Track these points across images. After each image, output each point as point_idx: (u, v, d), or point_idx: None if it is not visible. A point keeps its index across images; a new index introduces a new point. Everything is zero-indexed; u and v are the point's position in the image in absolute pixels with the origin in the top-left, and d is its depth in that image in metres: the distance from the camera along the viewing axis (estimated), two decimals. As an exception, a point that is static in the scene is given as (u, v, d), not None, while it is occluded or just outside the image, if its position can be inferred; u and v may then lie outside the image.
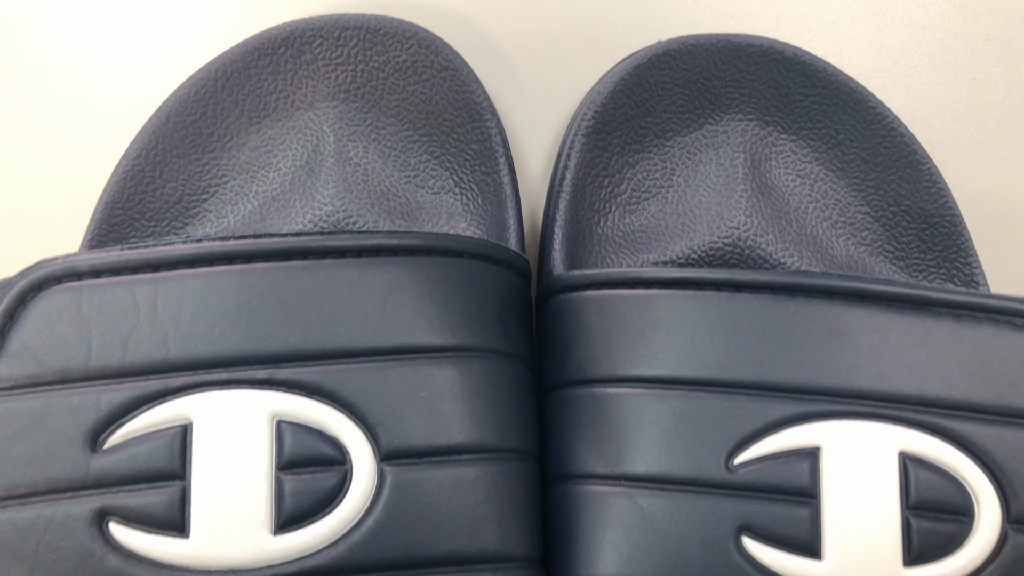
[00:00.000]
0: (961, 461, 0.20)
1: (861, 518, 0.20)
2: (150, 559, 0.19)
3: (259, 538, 0.19)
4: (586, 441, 0.21)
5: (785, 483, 0.20)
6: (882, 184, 0.26)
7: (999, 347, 0.21)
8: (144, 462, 0.19)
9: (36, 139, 0.27)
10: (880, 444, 0.20)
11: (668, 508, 0.20)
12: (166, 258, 0.20)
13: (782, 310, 0.21)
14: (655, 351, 0.21)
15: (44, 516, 0.19)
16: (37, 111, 0.27)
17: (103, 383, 0.20)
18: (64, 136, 0.27)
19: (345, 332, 0.20)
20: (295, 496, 0.19)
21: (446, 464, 0.20)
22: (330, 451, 0.20)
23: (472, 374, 0.21)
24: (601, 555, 0.20)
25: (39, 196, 0.27)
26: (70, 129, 0.27)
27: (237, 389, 0.20)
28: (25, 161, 0.27)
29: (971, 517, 0.20)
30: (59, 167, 0.27)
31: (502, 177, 0.25)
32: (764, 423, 0.21)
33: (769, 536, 0.20)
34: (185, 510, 0.19)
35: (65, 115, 0.27)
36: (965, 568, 0.20)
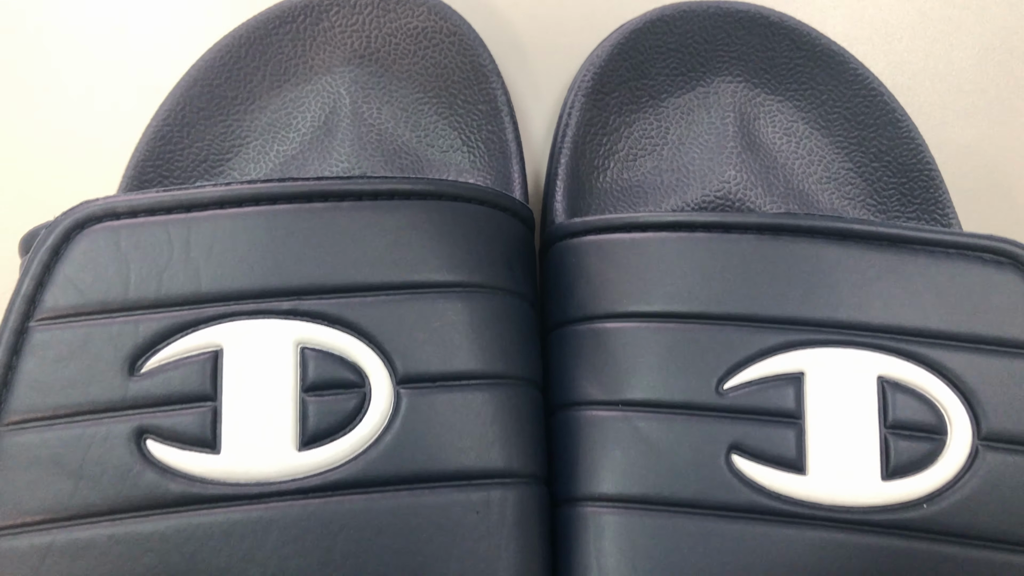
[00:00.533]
0: (935, 385, 0.22)
1: (842, 437, 0.22)
2: (184, 473, 0.21)
3: (285, 453, 0.21)
4: (587, 371, 0.23)
5: (772, 406, 0.22)
6: (864, 141, 0.27)
7: (969, 280, 0.23)
8: (178, 385, 0.21)
9: (71, 103, 0.29)
10: (860, 369, 0.22)
11: (663, 429, 0.22)
12: (198, 199, 0.22)
13: (768, 249, 0.23)
14: (650, 288, 0.23)
15: (87, 434, 0.21)
16: (73, 79, 0.29)
17: (140, 313, 0.21)
18: (97, 100, 0.29)
19: (362, 268, 0.22)
20: (318, 416, 0.21)
21: (457, 388, 0.22)
22: (350, 375, 0.21)
23: (480, 307, 0.22)
24: (601, 473, 0.22)
25: (73, 158, 0.28)
26: (103, 94, 0.29)
27: (264, 319, 0.21)
28: (60, 124, 0.29)
29: (944, 435, 0.22)
30: (92, 130, 0.29)
31: (507, 135, 0.27)
32: (751, 351, 0.22)
33: (757, 454, 0.22)
34: (216, 428, 0.21)
35: (99, 81, 0.29)
36: (939, 481, 0.21)
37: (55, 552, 0.20)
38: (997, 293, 0.22)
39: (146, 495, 0.20)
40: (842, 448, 0.22)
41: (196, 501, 0.20)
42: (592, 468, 0.22)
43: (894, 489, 0.21)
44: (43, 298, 0.21)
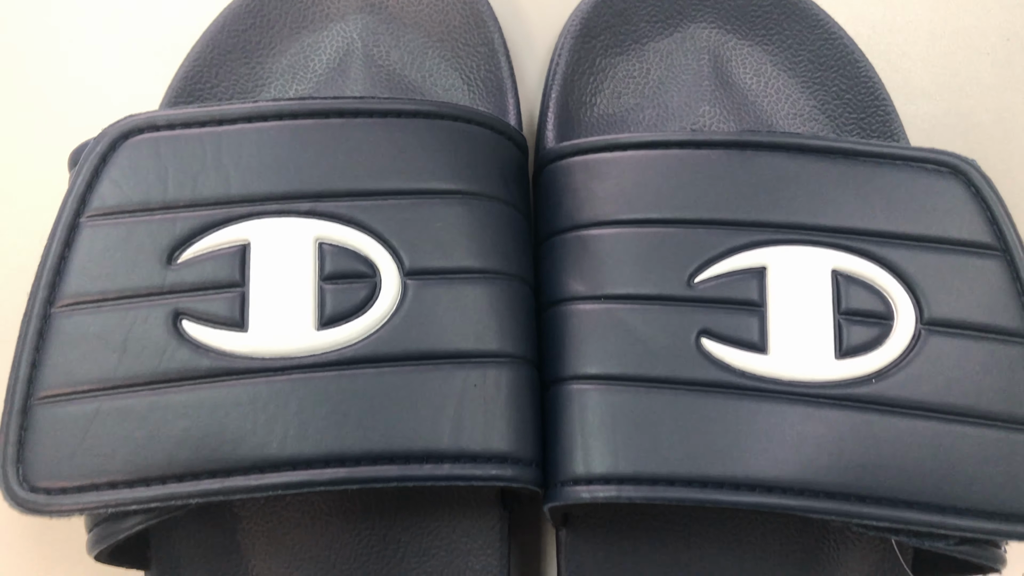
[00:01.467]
0: (883, 277, 0.25)
1: (800, 322, 0.24)
2: (215, 349, 0.23)
3: (306, 333, 0.24)
4: (573, 272, 0.26)
5: (737, 296, 0.24)
6: (826, 81, 0.30)
7: (914, 187, 0.25)
8: (211, 273, 0.24)
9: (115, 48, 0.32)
10: (816, 264, 0.25)
11: (640, 317, 0.24)
12: (228, 115, 0.25)
13: (734, 162, 0.26)
14: (630, 198, 0.26)
15: (130, 315, 0.23)
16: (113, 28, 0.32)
17: (177, 211, 0.24)
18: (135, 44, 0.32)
19: (373, 176, 0.25)
20: (335, 301, 0.24)
21: (457, 281, 0.24)
22: (363, 268, 0.24)
23: (477, 212, 0.25)
24: (585, 356, 0.24)
25: (116, 94, 0.32)
26: (141, 40, 0.32)
27: (286, 217, 0.24)
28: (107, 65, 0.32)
29: (891, 320, 0.24)
30: (132, 71, 0.32)
31: (503, 75, 0.30)
32: (719, 250, 0.25)
33: (724, 337, 0.24)
34: (244, 311, 0.24)
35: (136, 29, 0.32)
36: (886, 359, 0.24)
37: (101, 417, 0.23)
38: (939, 198, 0.25)
39: (181, 368, 0.23)
40: (800, 332, 0.24)
41: (226, 373, 0.23)
42: (577, 352, 0.25)
43: (846, 367, 0.24)
44: (91, 198, 0.24)
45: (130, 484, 0.22)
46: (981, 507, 0.23)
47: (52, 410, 0.23)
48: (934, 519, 0.23)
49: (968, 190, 0.25)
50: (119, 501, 0.22)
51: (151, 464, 0.23)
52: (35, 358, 0.23)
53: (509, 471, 0.23)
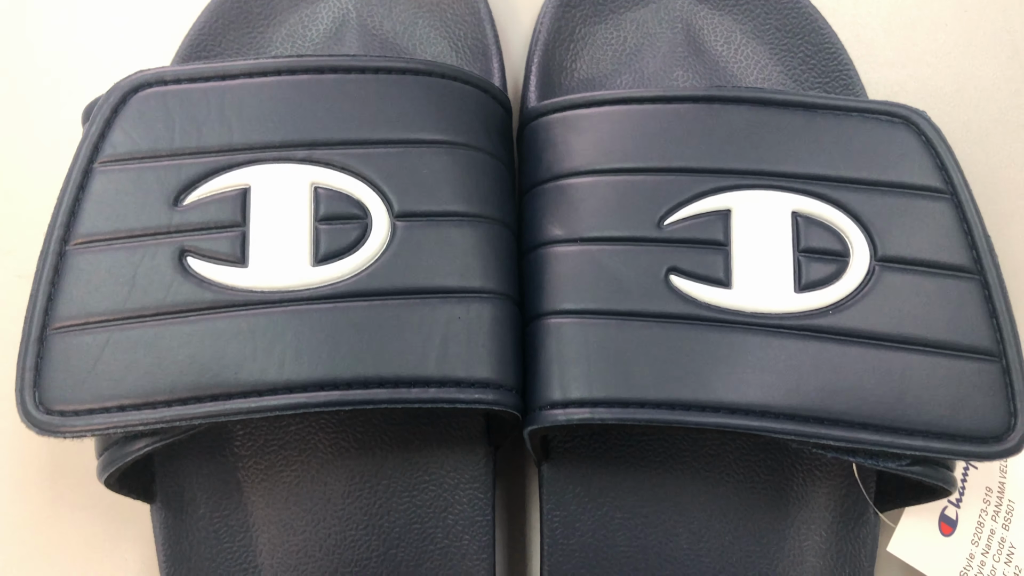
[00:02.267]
0: (840, 218, 0.26)
1: (762, 259, 0.26)
2: (218, 284, 0.25)
3: (302, 269, 0.25)
4: (552, 218, 0.27)
5: (703, 236, 0.26)
6: (792, 48, 0.32)
7: (869, 137, 0.27)
8: (214, 214, 0.26)
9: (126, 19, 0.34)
10: (777, 206, 0.26)
11: (614, 256, 0.26)
12: (231, 71, 0.27)
13: (702, 114, 0.27)
14: (605, 149, 0.28)
15: (139, 253, 0.25)
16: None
17: (183, 158, 0.26)
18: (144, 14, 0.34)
19: (365, 126, 0.27)
20: (329, 240, 0.26)
21: (443, 223, 0.26)
22: (355, 210, 0.26)
23: (462, 160, 0.27)
24: (562, 293, 0.26)
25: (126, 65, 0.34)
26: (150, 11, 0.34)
27: (284, 164, 0.26)
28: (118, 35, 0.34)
29: (847, 257, 0.26)
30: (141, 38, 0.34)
31: (488, 42, 0.32)
32: (687, 195, 0.27)
33: (691, 274, 0.26)
34: (245, 249, 0.25)
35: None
36: (842, 293, 0.26)
37: (111, 345, 0.25)
38: (892, 146, 0.27)
39: (186, 301, 0.25)
40: (761, 268, 0.26)
41: (227, 305, 0.25)
42: (555, 290, 0.26)
43: (805, 300, 0.26)
44: (104, 146, 0.26)
45: (138, 407, 0.24)
46: (930, 428, 0.25)
47: (66, 339, 0.25)
48: (886, 439, 0.24)
49: (919, 139, 0.27)
50: (128, 423, 0.24)
51: (157, 388, 0.24)
52: (51, 292, 0.25)
53: (491, 395, 0.25)
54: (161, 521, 0.29)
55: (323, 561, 0.29)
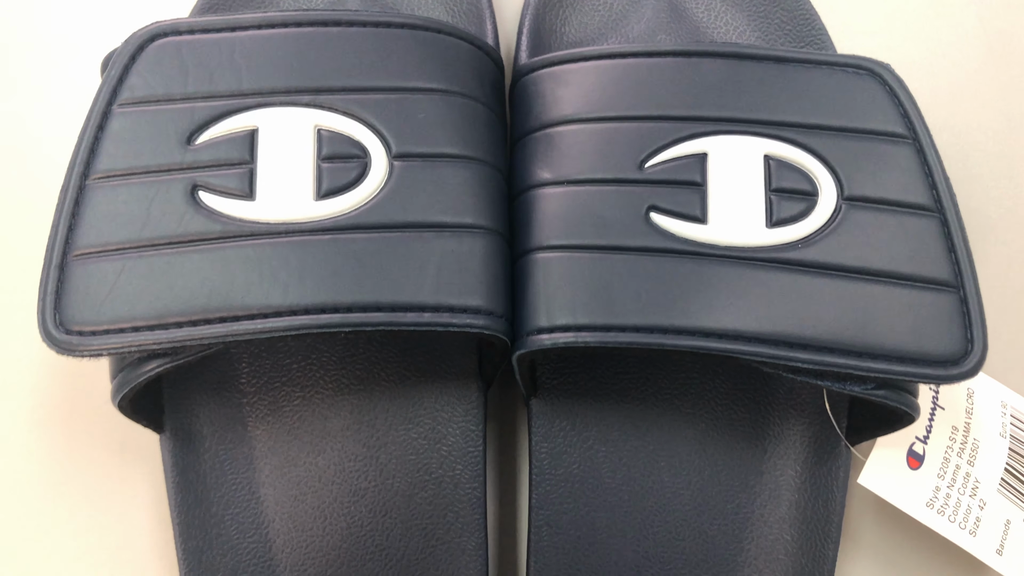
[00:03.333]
0: (809, 161, 0.28)
1: (736, 198, 0.28)
2: (227, 216, 0.27)
3: (305, 203, 0.27)
4: (540, 162, 0.29)
5: (681, 177, 0.28)
6: (769, 15, 0.34)
7: (837, 86, 0.29)
8: (224, 153, 0.27)
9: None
10: (750, 150, 0.28)
11: (597, 195, 0.28)
12: (242, 22, 0.29)
13: (681, 67, 0.29)
14: (591, 100, 0.29)
15: (154, 187, 0.27)
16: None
17: (195, 102, 0.28)
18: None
19: (365, 74, 0.28)
20: (331, 177, 0.27)
21: (437, 163, 0.28)
22: (356, 151, 0.28)
23: (456, 107, 0.29)
24: (549, 230, 0.28)
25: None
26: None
27: (290, 108, 0.28)
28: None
29: (815, 196, 0.28)
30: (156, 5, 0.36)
31: (482, 7, 0.34)
32: (666, 140, 0.28)
33: (669, 211, 0.28)
34: (253, 184, 0.27)
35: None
36: (811, 228, 0.27)
37: (127, 271, 0.26)
38: (858, 95, 0.29)
39: (197, 231, 0.27)
40: (735, 206, 0.28)
41: (236, 236, 0.27)
42: (542, 227, 0.28)
43: (776, 235, 0.27)
44: (121, 90, 0.28)
45: (151, 328, 0.26)
46: (893, 352, 0.26)
47: (85, 265, 0.26)
48: (852, 362, 0.26)
49: (883, 89, 0.29)
50: (141, 342, 0.26)
51: (169, 311, 0.26)
52: (71, 222, 0.27)
53: (482, 320, 0.27)
54: (169, 451, 0.30)
55: (322, 491, 0.31)
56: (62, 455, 0.33)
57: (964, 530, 0.31)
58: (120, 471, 0.33)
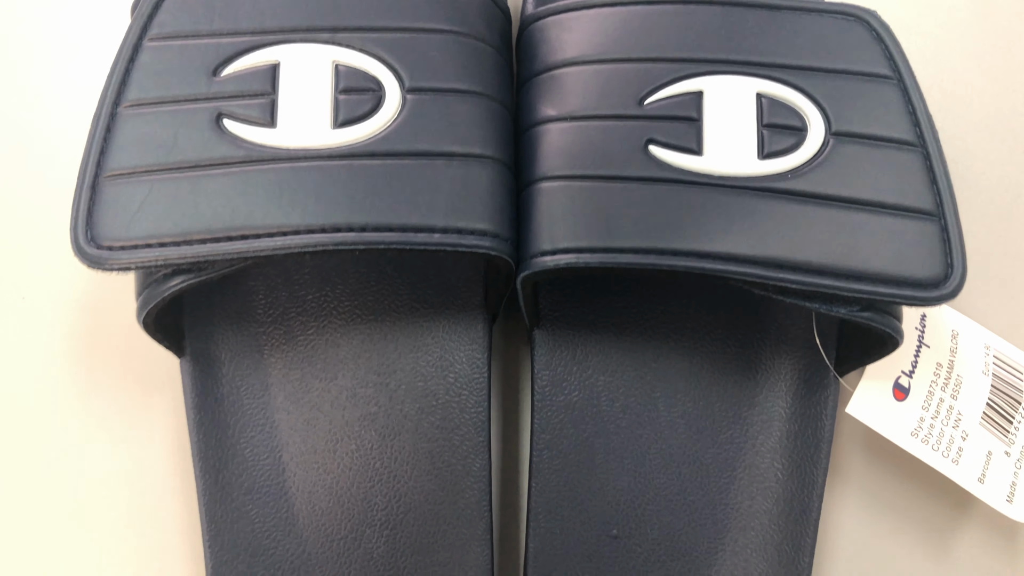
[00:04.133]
0: (799, 99, 0.30)
1: (730, 132, 0.29)
2: (250, 142, 0.28)
3: (323, 131, 0.29)
4: (545, 100, 0.31)
5: (678, 113, 0.30)
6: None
7: (827, 31, 0.31)
8: (248, 85, 0.29)
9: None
10: (743, 88, 0.30)
11: (598, 130, 0.30)
12: (264, -34, 0.30)
13: (679, 12, 0.31)
14: (593, 43, 0.31)
15: (180, 115, 0.29)
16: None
17: (221, 38, 0.30)
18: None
19: (380, 16, 0.30)
20: (347, 108, 0.29)
21: (448, 97, 0.30)
22: (371, 84, 0.29)
23: (466, 47, 0.30)
24: (553, 161, 0.30)
25: None
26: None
27: (310, 44, 0.30)
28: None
29: (804, 131, 0.29)
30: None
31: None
32: (664, 79, 0.30)
33: (667, 144, 0.29)
34: (274, 113, 0.29)
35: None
36: (801, 160, 0.29)
37: (154, 192, 0.28)
38: (846, 39, 0.30)
39: (221, 156, 0.28)
40: (729, 139, 0.29)
41: (258, 160, 0.28)
42: (546, 159, 0.30)
43: (767, 166, 0.29)
44: (151, 26, 0.30)
45: (176, 244, 0.27)
46: (878, 276, 0.28)
47: (115, 186, 0.28)
48: (839, 283, 0.28)
49: (870, 33, 0.31)
50: (167, 257, 0.27)
51: (194, 229, 0.28)
52: (103, 146, 0.28)
53: (488, 242, 0.28)
54: (189, 374, 0.32)
55: (334, 415, 0.32)
56: (86, 385, 0.35)
57: (947, 459, 0.32)
58: (142, 399, 0.34)
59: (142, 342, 0.35)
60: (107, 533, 0.34)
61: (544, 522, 0.32)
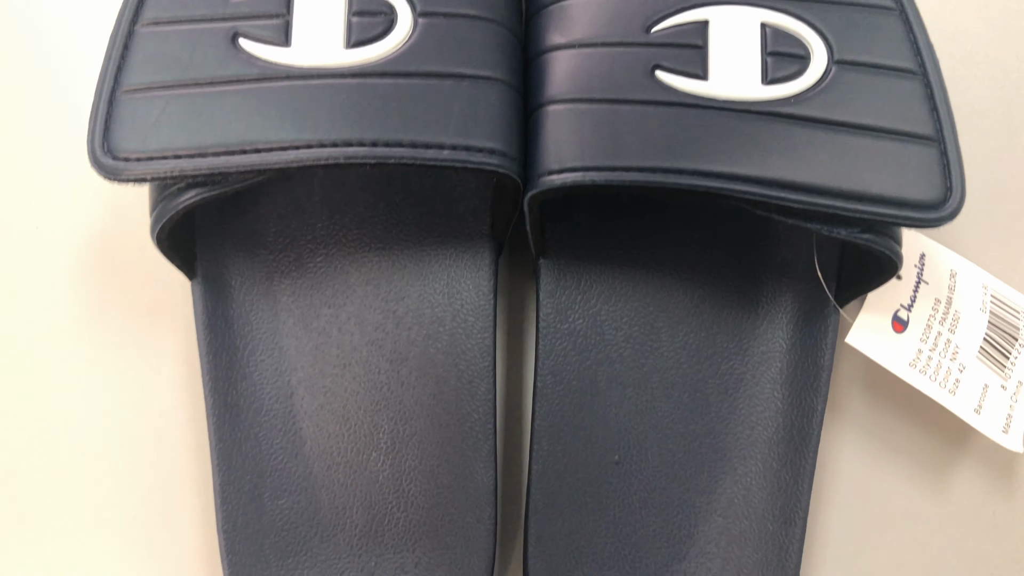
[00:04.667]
0: (803, 28, 0.30)
1: (734, 59, 0.30)
2: (264, 60, 0.29)
3: (336, 51, 0.29)
4: (553, 28, 0.31)
5: (684, 40, 0.30)
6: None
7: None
8: (262, 6, 0.30)
9: None
10: (748, 18, 0.30)
11: (606, 55, 0.30)
12: None
13: (686, -54, 0.32)
14: (601, -25, 0.32)
15: (197, 34, 0.29)
16: None
17: (237, -39, 0.30)
18: None
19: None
20: (360, 30, 0.30)
21: (459, 22, 0.30)
22: (383, 8, 0.30)
23: (476, -22, 0.31)
24: (559, 86, 0.30)
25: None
26: None
27: (324, -32, 0.30)
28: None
29: (807, 59, 0.30)
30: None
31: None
32: (671, 9, 0.31)
33: (672, 69, 0.30)
34: (288, 34, 0.29)
35: None
36: (804, 86, 0.29)
37: (170, 107, 0.28)
38: (848, -29, 0.31)
39: (236, 74, 0.29)
40: (734, 66, 0.30)
41: (271, 78, 0.29)
42: (554, 83, 0.30)
43: (770, 91, 0.29)
44: (169, -50, 0.30)
45: (191, 156, 0.28)
46: (879, 197, 0.28)
47: (132, 101, 0.29)
48: (840, 204, 0.28)
49: (873, -35, 0.31)
50: (182, 169, 0.28)
51: (208, 143, 0.28)
52: (120, 63, 0.29)
53: (496, 160, 0.29)
54: (200, 297, 0.33)
55: (342, 341, 0.33)
56: (98, 312, 0.35)
57: (944, 389, 0.33)
58: (152, 327, 0.35)
59: (154, 271, 0.36)
60: (117, 456, 0.34)
61: (547, 445, 0.32)
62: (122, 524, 0.34)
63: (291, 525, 0.32)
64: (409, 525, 0.32)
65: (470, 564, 0.32)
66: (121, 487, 0.34)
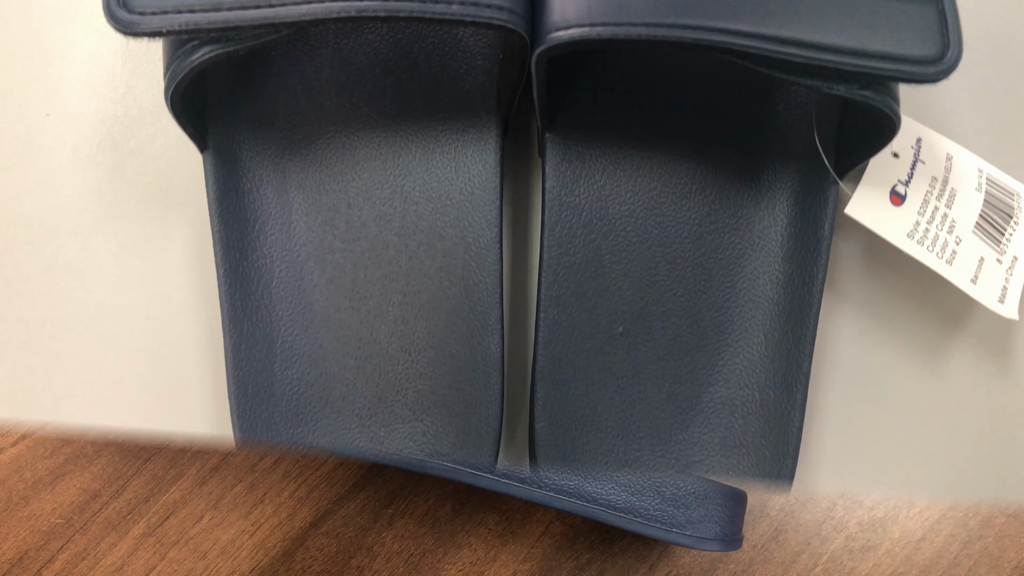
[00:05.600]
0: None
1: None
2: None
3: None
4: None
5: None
6: None
7: None
8: None
9: None
10: None
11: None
12: None
13: None
14: None
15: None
16: None
17: None
18: None
19: None
20: None
21: None
22: None
23: None
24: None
25: None
26: None
27: None
28: None
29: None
30: None
31: None
32: None
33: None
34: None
35: None
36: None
37: None
38: None
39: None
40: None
41: None
42: None
43: (771, -46, 0.30)
44: None
45: (205, 10, 0.28)
46: (878, 53, 0.29)
47: (147, -41, 0.29)
48: (839, 58, 0.29)
49: None
50: (196, 22, 0.28)
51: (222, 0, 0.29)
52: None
53: (505, 15, 0.29)
54: (212, 169, 0.33)
55: (351, 215, 0.33)
56: (109, 195, 0.36)
57: (941, 259, 0.33)
58: (162, 210, 0.35)
59: (163, 157, 0.36)
60: (131, 323, 0.35)
61: (553, 314, 0.33)
62: (134, 389, 0.34)
63: (301, 394, 0.33)
64: (418, 395, 0.33)
65: (478, 431, 0.32)
66: (134, 355, 0.34)
